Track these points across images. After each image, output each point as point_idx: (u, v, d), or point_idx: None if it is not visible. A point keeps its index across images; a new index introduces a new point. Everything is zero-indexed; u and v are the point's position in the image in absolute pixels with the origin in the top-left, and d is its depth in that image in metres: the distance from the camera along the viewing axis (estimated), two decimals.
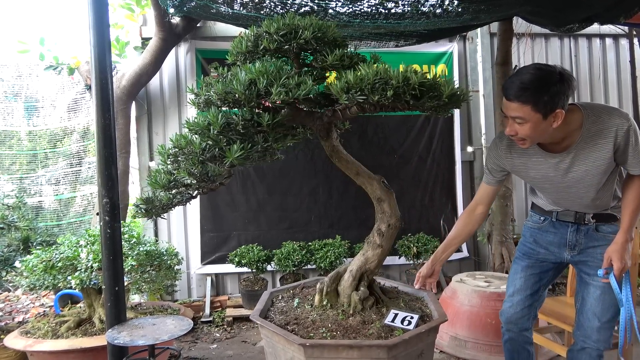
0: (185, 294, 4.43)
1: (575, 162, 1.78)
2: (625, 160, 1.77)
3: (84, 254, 2.84)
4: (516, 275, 2.14)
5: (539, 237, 2.09)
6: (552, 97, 1.61)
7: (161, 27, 3.92)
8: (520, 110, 1.64)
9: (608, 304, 1.88)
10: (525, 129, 1.68)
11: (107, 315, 2.24)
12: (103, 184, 2.19)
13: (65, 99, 5.02)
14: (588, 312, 1.93)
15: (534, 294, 2.10)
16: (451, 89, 1.66)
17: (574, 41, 5.06)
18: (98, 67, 2.18)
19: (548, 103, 1.61)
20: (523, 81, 1.63)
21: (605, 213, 1.93)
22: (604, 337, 1.90)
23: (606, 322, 1.90)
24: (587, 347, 1.94)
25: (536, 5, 3.28)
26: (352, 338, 1.77)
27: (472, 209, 2.13)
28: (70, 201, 5.05)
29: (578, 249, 1.98)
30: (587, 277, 1.96)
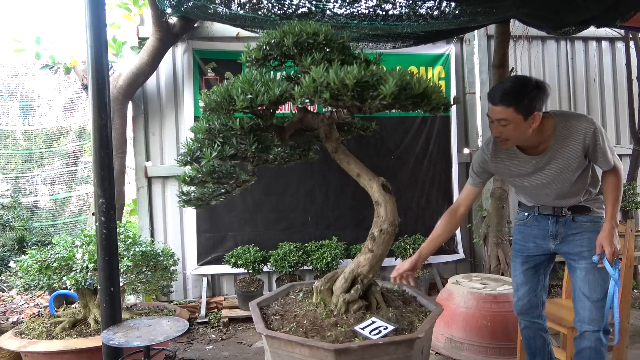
0: (181, 294, 4.42)
1: (551, 161, 2.02)
2: (596, 158, 2.02)
3: (80, 254, 2.83)
4: (515, 272, 2.35)
5: (526, 232, 2.30)
6: (531, 100, 1.88)
7: (158, 27, 3.91)
8: (504, 113, 1.89)
9: (594, 283, 2.06)
10: (509, 130, 1.93)
11: (102, 316, 2.24)
12: (99, 184, 2.18)
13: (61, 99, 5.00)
14: (578, 293, 2.11)
15: (536, 285, 2.30)
16: (438, 96, 1.68)
17: (570, 44, 5.08)
18: (95, 67, 2.18)
19: (527, 105, 1.88)
20: (505, 88, 1.91)
21: (579, 205, 2.15)
22: (596, 317, 2.05)
23: (596, 301, 2.05)
24: (584, 331, 2.09)
25: (533, 8, 3.29)
26: (312, 337, 1.80)
27: (454, 209, 2.30)
28: (65, 201, 5.03)
29: (559, 238, 2.18)
30: (572, 261, 2.16)
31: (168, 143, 4.45)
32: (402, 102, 1.66)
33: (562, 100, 5.04)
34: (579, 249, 2.11)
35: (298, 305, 2.16)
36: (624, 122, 5.10)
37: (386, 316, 1.98)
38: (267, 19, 3.28)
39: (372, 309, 2.04)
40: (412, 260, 2.26)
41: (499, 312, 2.97)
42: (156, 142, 4.44)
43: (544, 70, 5.01)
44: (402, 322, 1.96)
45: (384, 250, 2.10)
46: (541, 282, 2.32)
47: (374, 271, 2.10)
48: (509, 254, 4.07)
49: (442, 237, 2.31)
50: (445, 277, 4.50)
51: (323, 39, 1.90)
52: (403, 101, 1.66)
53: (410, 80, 1.64)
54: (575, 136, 1.96)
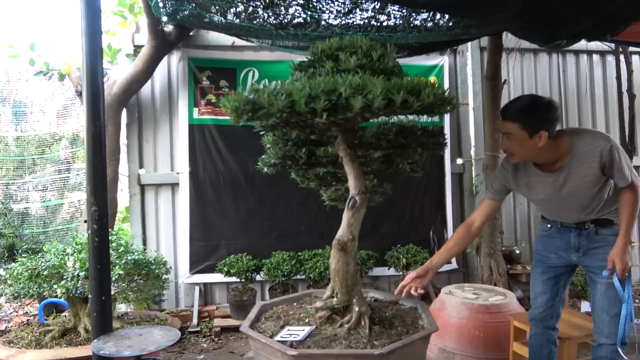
0: (172, 303, 4.38)
1: (568, 179, 2.05)
2: (612, 175, 2.03)
3: (71, 262, 2.81)
4: (535, 282, 2.38)
5: (548, 243, 2.33)
6: (538, 119, 1.94)
7: (154, 35, 3.92)
8: (510, 127, 1.97)
9: (613, 299, 2.07)
10: (514, 145, 1.99)
11: (93, 325, 2.21)
12: (92, 192, 2.17)
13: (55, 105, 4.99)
14: (597, 308, 2.14)
15: (554, 295, 2.34)
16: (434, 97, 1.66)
17: (562, 57, 5.15)
18: (89, 74, 2.18)
19: (534, 124, 1.93)
20: (517, 105, 1.99)
21: (602, 218, 2.16)
22: (614, 331, 2.07)
23: (614, 315, 2.08)
24: (602, 343, 2.12)
25: (526, 22, 3.34)
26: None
27: (470, 223, 2.27)
28: (57, 208, 5.00)
29: (582, 251, 2.20)
30: (593, 275, 2.18)
31: (162, 151, 4.44)
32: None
33: None
34: (601, 263, 2.10)
35: (299, 310, 2.17)
36: (614, 134, 5.14)
37: (362, 333, 1.88)
38: (262, 29, 3.31)
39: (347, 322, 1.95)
40: (423, 268, 2.17)
41: (491, 322, 2.97)
42: (150, 150, 4.42)
43: (536, 82, 5.07)
44: (377, 340, 1.83)
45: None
46: (560, 293, 2.35)
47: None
48: (501, 264, 4.09)
49: (455, 249, 2.29)
50: (438, 287, 4.49)
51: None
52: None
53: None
54: (592, 154, 1.98)
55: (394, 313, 2.14)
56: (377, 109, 1.52)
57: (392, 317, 2.09)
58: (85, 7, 2.19)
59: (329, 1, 2.94)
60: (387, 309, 2.20)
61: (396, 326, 1.99)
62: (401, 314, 2.14)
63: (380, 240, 4.53)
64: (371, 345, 1.79)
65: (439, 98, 1.63)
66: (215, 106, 4.37)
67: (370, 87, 1.52)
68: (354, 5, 2.95)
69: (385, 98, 1.51)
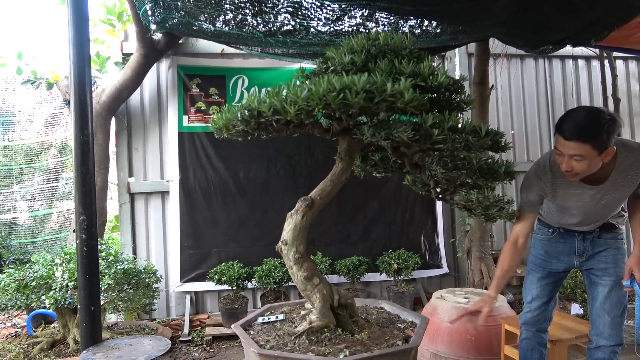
0: (163, 312, 4.34)
1: (609, 191, 2.02)
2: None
3: (59, 272, 2.77)
4: (532, 285, 2.36)
5: (550, 248, 2.31)
6: (608, 135, 1.80)
7: (143, 43, 3.91)
8: (581, 149, 1.81)
9: (615, 300, 2.11)
10: (583, 165, 1.86)
11: (82, 335, 2.19)
12: (80, 201, 2.16)
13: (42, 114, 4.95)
14: (599, 309, 2.15)
15: (550, 300, 2.34)
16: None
17: (548, 62, 5.22)
18: (77, 82, 2.17)
19: (605, 141, 1.81)
20: (579, 122, 1.82)
21: (606, 223, 2.19)
22: (615, 332, 2.11)
23: (615, 317, 2.11)
24: (601, 344, 2.14)
25: (512, 28, 3.39)
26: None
27: (514, 240, 2.20)
28: (45, 218, 4.94)
29: (586, 256, 2.21)
30: (595, 278, 2.19)
31: (151, 159, 4.42)
32: None
33: (541, 117, 5.16)
34: (604, 265, 2.15)
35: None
36: None
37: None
38: (251, 36, 3.32)
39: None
40: (483, 300, 2.21)
41: (482, 326, 2.97)
42: (139, 158, 4.40)
43: (523, 87, 5.13)
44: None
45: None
46: (554, 297, 2.37)
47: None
48: (492, 268, 4.11)
49: (510, 270, 2.23)
50: (429, 291, 4.51)
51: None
52: None
53: None
54: (636, 167, 1.96)
55: (382, 322, 2.11)
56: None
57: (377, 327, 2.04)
58: (73, 16, 2.19)
59: (317, 9, 2.95)
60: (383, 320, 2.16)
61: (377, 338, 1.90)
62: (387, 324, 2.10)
63: (372, 246, 4.54)
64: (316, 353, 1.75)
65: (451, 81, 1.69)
66: (205, 114, 4.37)
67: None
68: (343, 12, 2.97)
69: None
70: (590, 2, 2.82)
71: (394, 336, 1.93)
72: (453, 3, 2.74)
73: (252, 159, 4.43)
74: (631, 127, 5.38)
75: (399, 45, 1.77)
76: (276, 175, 4.45)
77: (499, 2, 2.77)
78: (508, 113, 5.05)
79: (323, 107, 1.43)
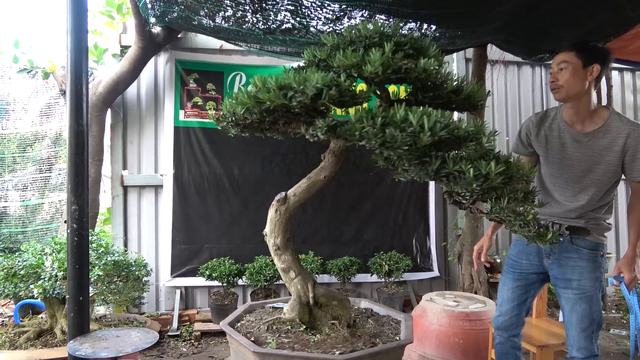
0: (153, 306, 4.33)
1: (589, 145, 2.09)
2: (632, 165, 2.06)
3: (49, 262, 2.76)
4: (504, 287, 2.37)
5: (522, 247, 2.33)
6: (593, 50, 2.06)
7: (141, 36, 3.90)
8: (566, 56, 2.06)
9: (581, 313, 2.08)
10: (565, 75, 2.05)
11: (70, 325, 2.18)
12: (72, 191, 2.15)
13: (38, 103, 4.92)
14: (566, 322, 2.15)
15: (521, 304, 2.32)
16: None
17: (544, 70, 5.26)
18: (74, 72, 2.16)
19: (589, 54, 2.04)
20: (576, 41, 2.14)
21: (578, 226, 2.15)
22: (584, 345, 2.08)
23: (582, 330, 2.08)
24: (574, 356, 2.12)
25: (510, 34, 3.41)
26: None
27: None
28: (37, 208, 4.91)
29: (553, 258, 2.19)
30: (559, 289, 2.18)
31: (146, 152, 4.40)
32: None
33: None
34: (569, 276, 2.12)
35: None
36: None
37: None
38: (251, 33, 3.32)
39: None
40: (486, 240, 2.48)
41: (471, 330, 3.01)
42: (134, 151, 4.39)
43: (519, 94, 5.16)
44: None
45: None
46: (528, 303, 2.35)
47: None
48: (482, 272, 4.13)
49: None
50: (419, 294, 4.53)
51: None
52: None
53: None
54: (620, 130, 2.04)
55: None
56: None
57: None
58: (72, 6, 2.18)
59: (318, 8, 2.96)
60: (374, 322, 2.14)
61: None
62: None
63: (364, 247, 4.55)
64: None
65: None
66: (202, 109, 4.36)
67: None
68: (343, 13, 2.98)
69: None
70: (589, 12, 2.85)
71: (364, 341, 1.83)
72: (452, 7, 2.75)
73: (247, 156, 4.43)
74: None
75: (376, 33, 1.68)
76: (271, 173, 4.46)
77: (498, 9, 2.79)
78: (503, 119, 5.08)
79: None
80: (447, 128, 1.32)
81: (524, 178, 1.46)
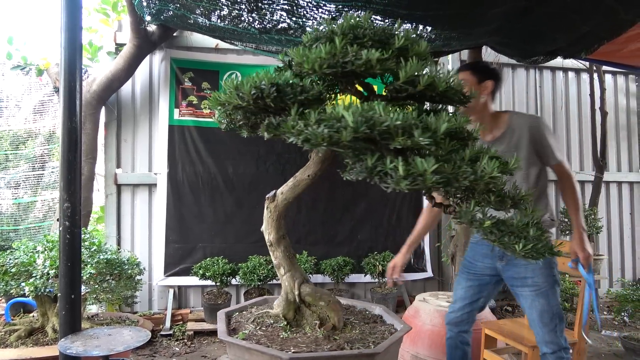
0: (145, 305, 4.31)
1: (503, 149, 2.22)
2: (544, 152, 2.20)
3: (41, 260, 2.74)
4: (458, 286, 2.46)
5: (477, 250, 2.40)
6: (485, 68, 2.33)
7: (136, 34, 3.89)
8: (463, 74, 2.27)
9: (540, 309, 2.15)
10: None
11: (61, 324, 2.16)
12: (65, 188, 2.14)
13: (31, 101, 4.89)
14: (530, 321, 2.22)
15: (473, 302, 2.41)
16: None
17: (539, 73, 5.29)
18: (67, 69, 2.15)
19: (482, 73, 2.27)
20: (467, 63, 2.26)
21: None
22: (550, 339, 2.15)
23: (545, 325, 2.15)
24: (545, 352, 2.20)
25: (504, 37, 3.43)
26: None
27: (429, 206, 2.53)
28: (29, 206, 4.88)
29: (506, 260, 2.25)
30: (516, 288, 2.24)
31: (140, 151, 4.39)
32: None
33: None
34: (523, 275, 2.18)
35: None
36: (587, 150, 5.31)
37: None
38: (246, 32, 3.32)
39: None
40: (403, 253, 2.57)
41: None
42: (128, 150, 4.37)
43: (514, 96, 5.19)
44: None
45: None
46: (480, 303, 2.42)
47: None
48: None
49: (426, 230, 2.68)
50: (413, 294, 4.54)
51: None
52: None
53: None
54: (523, 125, 2.20)
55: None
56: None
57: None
58: (66, 2, 2.17)
59: (314, 8, 2.97)
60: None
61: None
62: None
63: (358, 247, 4.55)
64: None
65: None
66: (197, 108, 4.35)
67: None
68: (339, 13, 2.99)
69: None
70: (583, 15, 2.86)
71: (335, 345, 1.75)
72: (447, 9, 2.76)
73: (242, 155, 4.42)
74: (617, 141, 5.47)
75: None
76: (265, 172, 4.45)
77: (493, 11, 2.80)
78: None
79: None
80: (367, 123, 1.23)
81: (491, 179, 1.29)
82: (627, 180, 5.42)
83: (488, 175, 1.28)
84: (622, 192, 5.41)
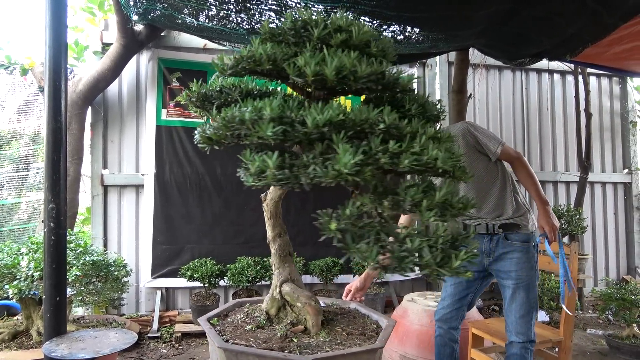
0: (132, 308, 4.27)
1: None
2: (484, 151, 2.31)
3: (25, 262, 2.70)
4: (447, 284, 2.53)
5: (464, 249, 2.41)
6: None
7: (123, 33, 3.85)
8: None
9: (520, 301, 2.26)
10: None
11: (46, 326, 2.14)
12: (50, 189, 2.11)
13: (16, 100, 4.81)
14: (507, 309, 2.32)
15: (462, 299, 2.48)
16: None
17: (525, 74, 5.35)
18: (52, 69, 2.13)
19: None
20: None
21: (509, 222, 2.33)
22: (522, 330, 2.25)
23: (520, 317, 2.26)
24: (512, 340, 2.29)
25: (491, 39, 3.47)
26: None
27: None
28: (14, 207, 4.80)
29: (493, 256, 2.35)
30: (501, 280, 2.35)
31: (127, 151, 4.35)
32: None
33: (516, 128, 5.28)
34: (508, 268, 2.30)
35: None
36: (572, 151, 5.38)
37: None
38: (235, 33, 3.31)
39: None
40: (361, 280, 2.41)
41: None
42: (115, 150, 4.33)
43: (500, 97, 5.24)
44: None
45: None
46: (468, 299, 2.50)
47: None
48: None
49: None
50: (401, 294, 4.55)
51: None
52: None
53: None
54: (458, 133, 2.31)
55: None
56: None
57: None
58: (51, 0, 2.14)
59: (302, 9, 2.96)
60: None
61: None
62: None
63: None
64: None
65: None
66: (184, 108, 4.32)
67: None
68: (327, 14, 2.99)
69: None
70: (568, 18, 2.91)
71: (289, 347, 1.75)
72: (434, 11, 2.78)
73: (230, 155, 4.39)
74: (601, 142, 5.55)
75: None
76: None
77: (479, 13, 2.83)
78: (484, 122, 5.16)
79: None
80: (280, 119, 1.25)
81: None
82: (611, 181, 5.51)
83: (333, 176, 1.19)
84: (607, 193, 5.50)
